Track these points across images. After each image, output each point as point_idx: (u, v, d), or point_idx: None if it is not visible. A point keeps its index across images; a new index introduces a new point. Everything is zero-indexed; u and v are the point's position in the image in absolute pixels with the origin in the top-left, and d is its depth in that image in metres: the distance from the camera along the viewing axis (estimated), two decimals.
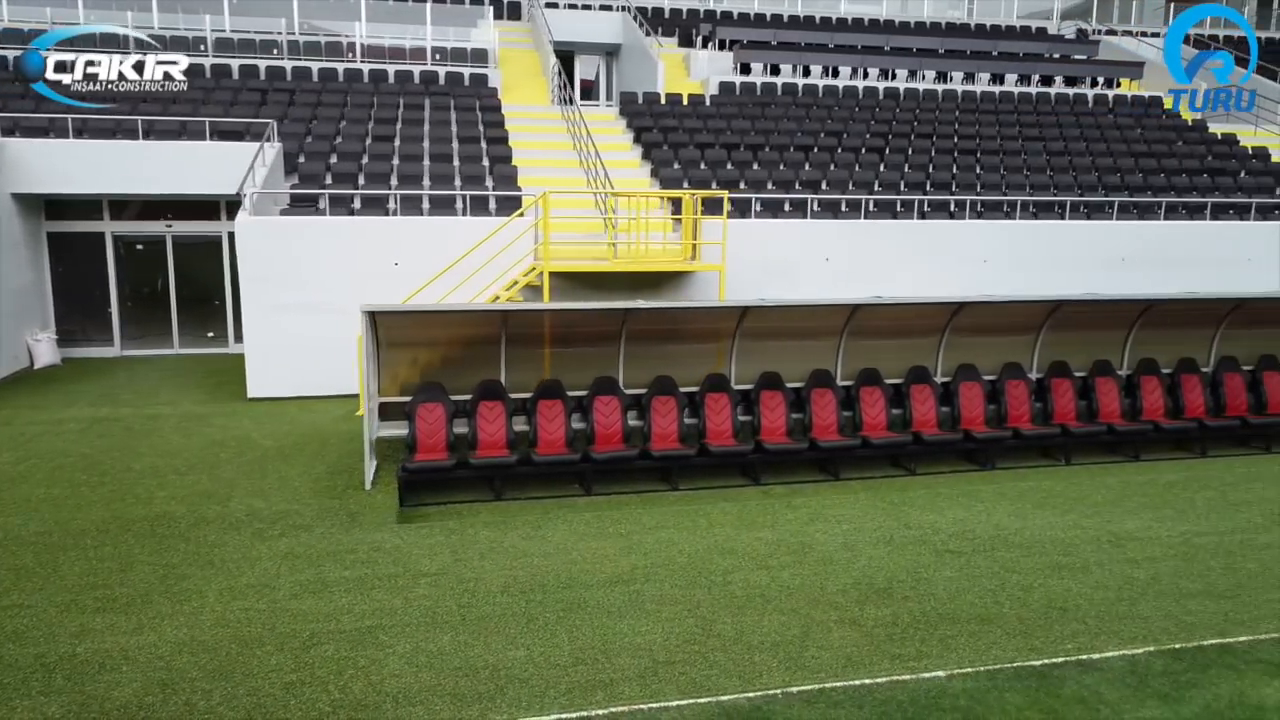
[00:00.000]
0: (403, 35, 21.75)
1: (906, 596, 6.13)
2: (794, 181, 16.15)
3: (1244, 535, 7.35)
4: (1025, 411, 10.63)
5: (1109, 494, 8.59)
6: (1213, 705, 4.73)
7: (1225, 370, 11.35)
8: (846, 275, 13.62)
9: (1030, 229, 14.76)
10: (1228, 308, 11.19)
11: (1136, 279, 14.38)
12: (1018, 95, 22.20)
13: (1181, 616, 5.83)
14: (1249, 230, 15.56)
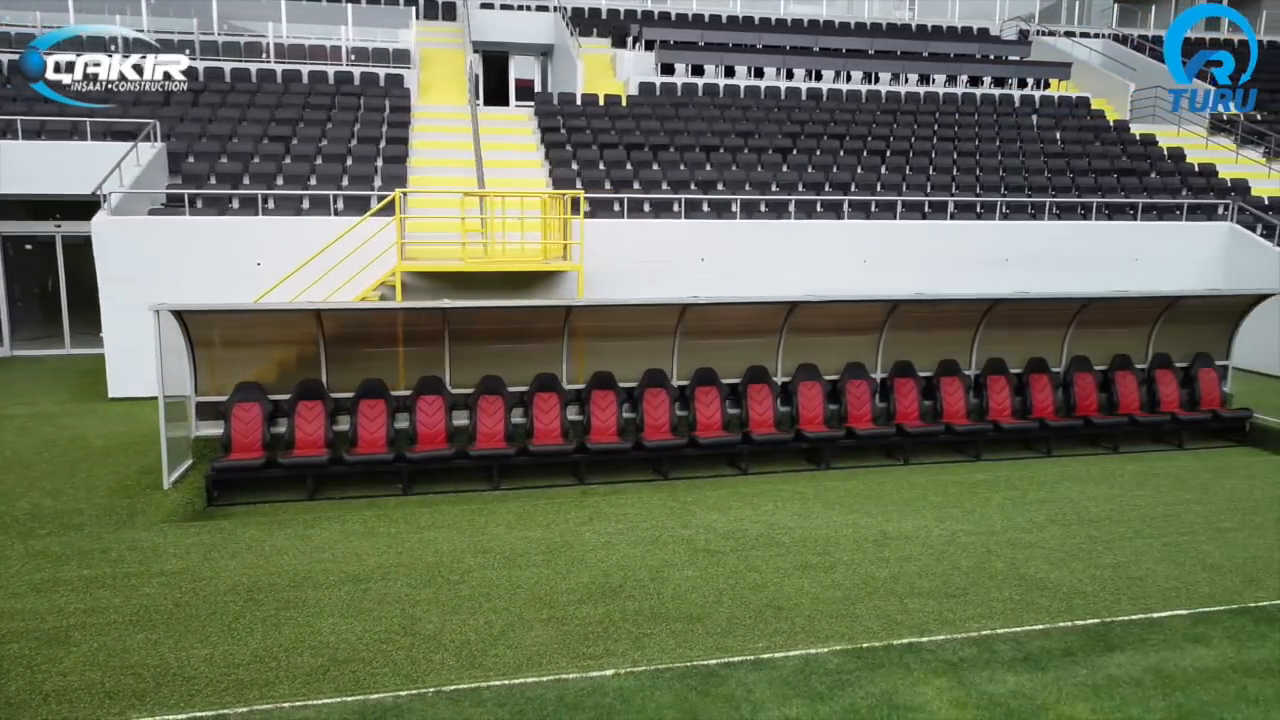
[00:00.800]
0: (327, 36, 21.79)
1: (632, 595, 6.12)
2: (689, 182, 16.15)
3: (1013, 535, 7.34)
4: (866, 411, 10.63)
5: (912, 493, 8.58)
6: (856, 705, 4.72)
7: (1077, 370, 11.34)
8: (723, 275, 13.61)
9: (913, 229, 14.76)
10: (1077, 307, 11.19)
11: (1019, 279, 14.38)
12: (942, 96, 22.21)
13: (894, 615, 5.82)
14: (1137, 230, 15.55)
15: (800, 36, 24.16)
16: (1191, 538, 7.27)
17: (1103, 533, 7.40)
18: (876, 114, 20.62)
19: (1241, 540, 7.21)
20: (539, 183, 15.88)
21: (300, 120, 16.97)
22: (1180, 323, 11.75)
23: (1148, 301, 11.38)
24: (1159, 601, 6.02)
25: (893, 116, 20.54)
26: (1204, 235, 15.60)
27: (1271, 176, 19.61)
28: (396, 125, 17.28)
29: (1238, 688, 4.90)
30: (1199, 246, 15.53)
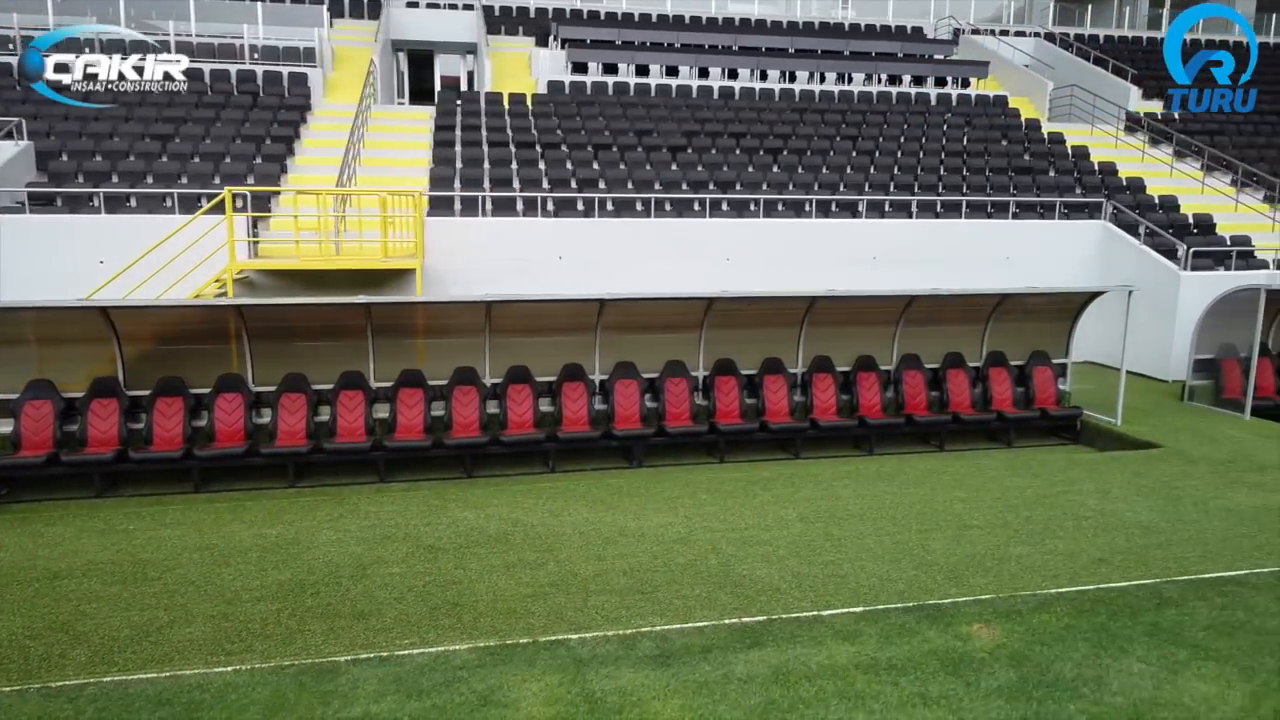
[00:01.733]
0: (239, 34, 21.72)
1: (317, 592, 6.10)
2: (571, 180, 16.13)
3: (751, 533, 7.30)
4: (685, 409, 10.61)
5: (685, 490, 8.55)
6: (450, 702, 4.70)
7: (906, 368, 11.33)
8: (581, 273, 13.59)
9: (779, 227, 14.75)
10: (902, 304, 11.17)
11: (887, 277, 14.36)
12: (857, 95, 22.20)
13: (566, 613, 5.79)
14: (1010, 229, 15.54)
15: (720, 35, 24.13)
16: (925, 536, 7.25)
17: (842, 530, 7.38)
18: (785, 113, 20.60)
19: (974, 538, 7.19)
20: (420, 181, 15.84)
21: (187, 119, 16.94)
22: (1018, 321, 11.74)
23: (977, 299, 11.36)
24: (844, 599, 6.00)
25: (800, 115, 20.51)
26: (1079, 234, 15.59)
27: (1175, 175, 19.59)
28: (286, 124, 17.26)
29: (844, 684, 4.89)
30: (1074, 245, 15.52)
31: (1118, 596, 6.06)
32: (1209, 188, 18.75)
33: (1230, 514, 7.82)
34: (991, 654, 5.24)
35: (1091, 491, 8.49)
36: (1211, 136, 21.56)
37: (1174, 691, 4.83)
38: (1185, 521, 7.62)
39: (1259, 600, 6.00)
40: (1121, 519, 7.69)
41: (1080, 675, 5.00)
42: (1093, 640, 5.41)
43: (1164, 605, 5.92)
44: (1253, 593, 6.14)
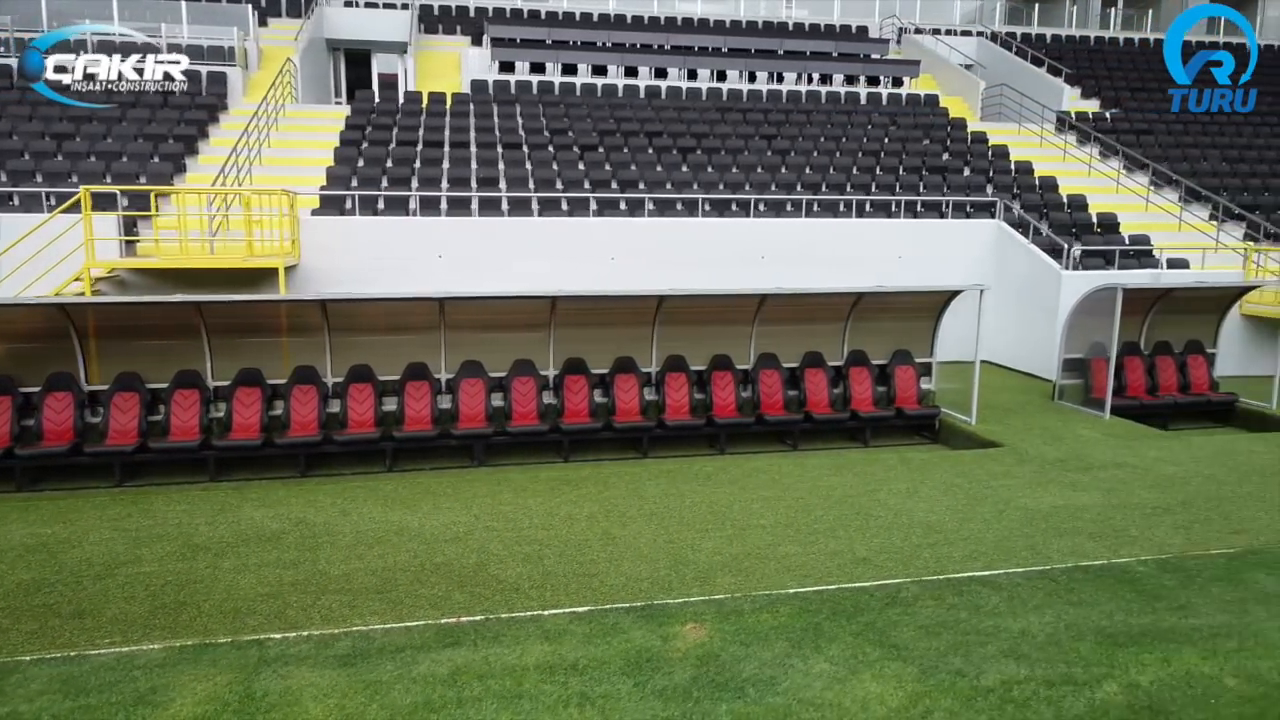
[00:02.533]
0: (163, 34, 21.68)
1: (50, 591, 6.08)
2: (469, 179, 16.10)
3: (521, 532, 7.27)
4: (533, 409, 10.59)
5: (500, 488, 8.52)
6: (100, 703, 4.68)
7: (762, 367, 11.30)
8: (461, 272, 13.57)
9: (666, 226, 14.72)
10: (756, 303, 11.15)
11: (775, 276, 14.32)
12: (786, 94, 22.19)
13: (280, 611, 5.77)
14: (904, 228, 15.51)
15: (652, 34, 24.10)
16: (702, 535, 7.21)
17: (623, 530, 7.35)
18: (708, 112, 20.58)
19: (749, 538, 7.15)
20: (317, 180, 15.81)
21: (92, 118, 16.92)
22: (880, 320, 11.71)
23: (833, 298, 11.34)
24: (577, 599, 5.98)
25: (721, 115, 20.49)
26: (973, 233, 15.56)
27: (1092, 175, 19.56)
28: (193, 123, 17.24)
29: (513, 684, 4.85)
30: (968, 244, 15.48)
31: (850, 596, 6.02)
32: (1124, 187, 18.71)
33: (1025, 514, 7.79)
34: (684, 654, 5.21)
35: (900, 491, 8.46)
36: (1138, 136, 21.52)
37: (839, 692, 4.79)
38: (974, 521, 7.58)
39: (990, 600, 5.97)
40: (912, 518, 7.66)
41: (757, 675, 4.97)
42: (794, 640, 5.38)
43: (892, 605, 5.89)
44: (990, 592, 6.11)
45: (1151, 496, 8.33)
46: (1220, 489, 8.56)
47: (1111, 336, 11.47)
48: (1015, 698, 4.74)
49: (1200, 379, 12.56)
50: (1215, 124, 22.93)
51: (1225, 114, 23.79)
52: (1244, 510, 7.91)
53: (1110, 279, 12.82)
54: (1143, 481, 8.80)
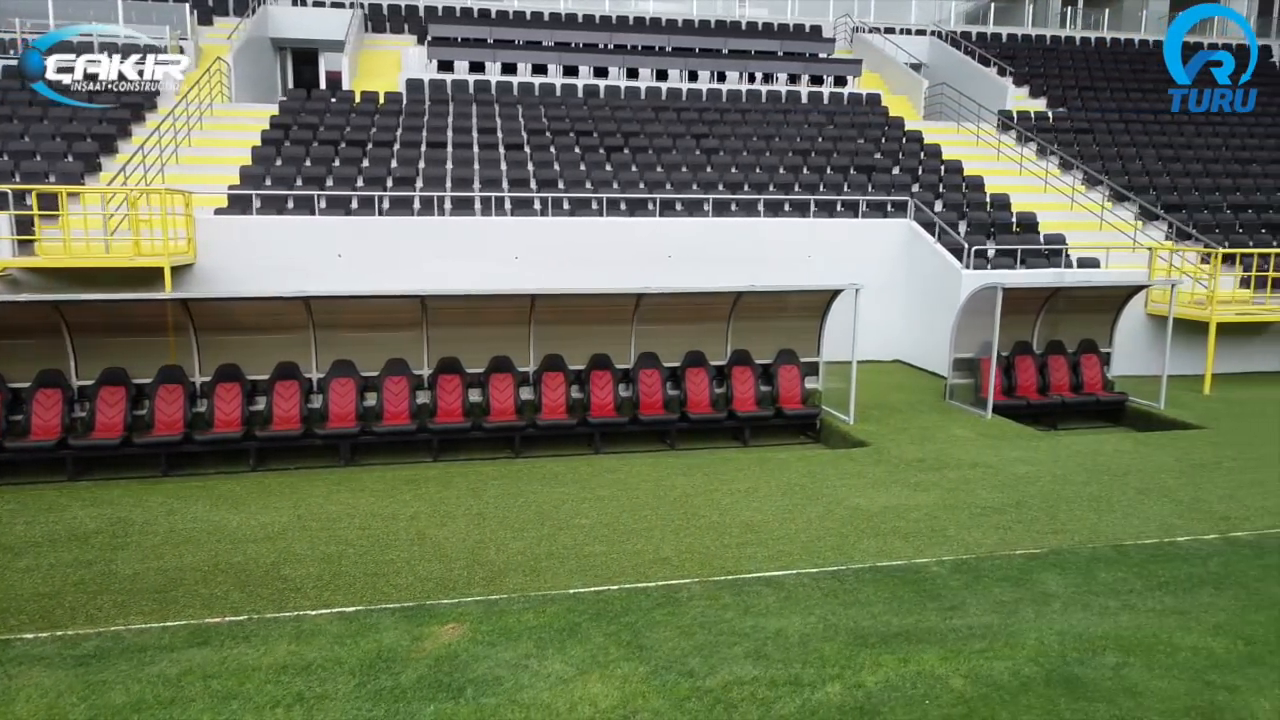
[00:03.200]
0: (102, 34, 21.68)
1: None
2: (386, 179, 16.07)
3: (335, 533, 7.27)
4: (404, 408, 10.57)
5: (339, 488, 8.53)
6: None
7: (643, 367, 11.28)
8: (361, 272, 13.55)
9: (572, 225, 14.71)
10: (633, 302, 11.13)
11: (680, 275, 14.32)
12: (726, 93, 22.16)
13: (24, 611, 5.76)
14: (815, 227, 15.49)
15: (597, 33, 24.04)
16: (516, 534, 7.21)
17: (440, 530, 7.34)
18: (642, 110, 20.55)
19: (562, 538, 7.13)
20: (230, 179, 15.76)
21: (13, 117, 16.90)
22: (764, 319, 11.71)
23: (714, 297, 11.33)
24: (353, 599, 5.98)
25: (655, 114, 20.46)
26: (883, 232, 15.54)
27: (1024, 174, 19.53)
28: (114, 122, 17.21)
29: (229, 685, 4.84)
30: (880, 243, 15.46)
31: (625, 597, 6.01)
32: (1051, 187, 18.68)
33: (851, 515, 7.78)
34: (425, 655, 5.20)
35: (739, 490, 8.46)
36: (1075, 135, 21.50)
37: (556, 694, 4.77)
38: (796, 522, 7.57)
39: (765, 600, 5.96)
40: (735, 518, 7.65)
41: (485, 676, 4.96)
42: (543, 641, 5.36)
43: (663, 606, 5.88)
44: (770, 592, 6.10)
45: (990, 496, 8.32)
46: (1063, 489, 8.54)
47: (993, 336, 11.45)
48: (729, 698, 4.73)
49: (1093, 379, 12.54)
50: (1158, 123, 22.90)
51: (1170, 114, 23.79)
52: (1074, 511, 7.90)
53: (1001, 278, 12.80)
54: (990, 482, 8.78)
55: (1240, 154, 21.38)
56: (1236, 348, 14.83)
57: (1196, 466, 9.33)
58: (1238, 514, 7.82)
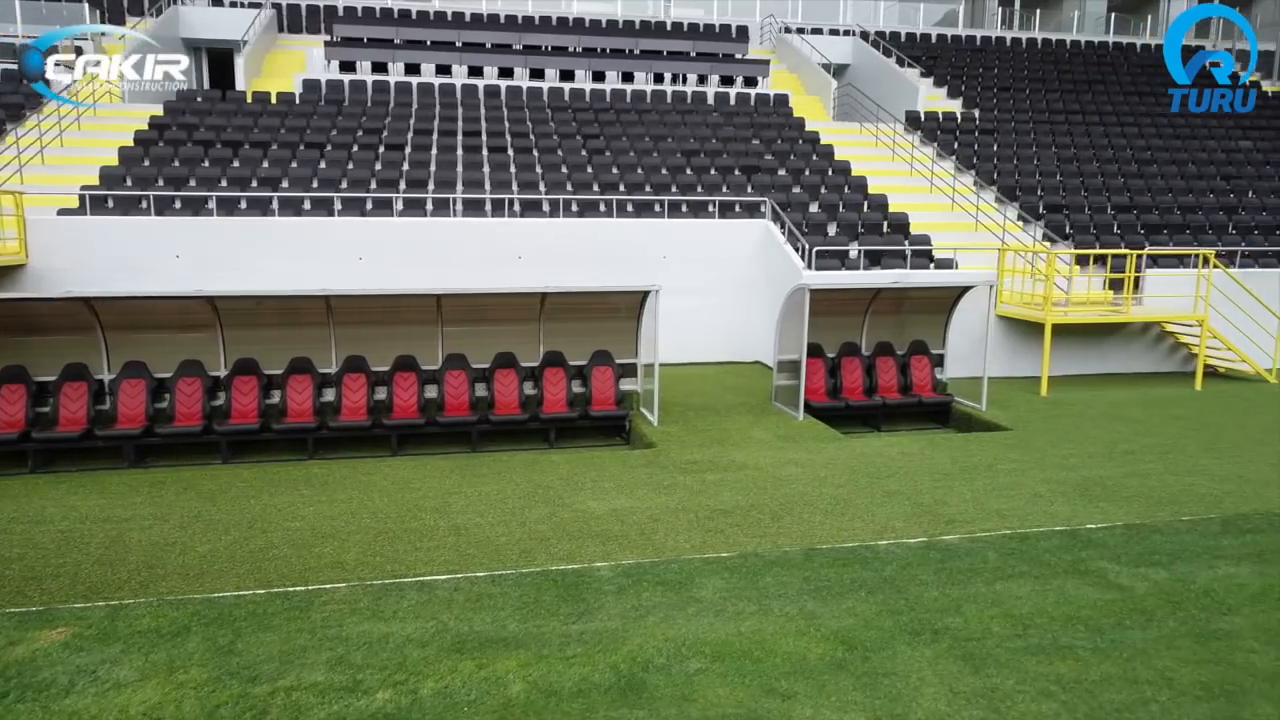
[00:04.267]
0: None
1: None
2: (252, 179, 16.00)
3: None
4: (253, 407, 10.54)
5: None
6: None
7: (450, 369, 11.21)
8: (199, 272, 13.48)
9: (418, 225, 14.63)
10: (434, 303, 11.06)
11: (533, 275, 14.26)
12: (630, 93, 22.11)
13: None
14: (672, 228, 15.42)
15: (506, 33, 23.96)
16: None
17: (104, 533, 7.29)
18: (541, 111, 20.50)
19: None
20: (90, 179, 15.69)
21: None
22: (577, 320, 11.64)
23: (521, 298, 11.27)
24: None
25: (550, 114, 20.40)
26: (743, 233, 15.47)
27: (914, 175, 19.47)
28: (11, 121, 17.16)
29: None
30: (737, 243, 15.39)
31: (260, 602, 5.94)
32: (936, 187, 18.62)
33: (573, 517, 7.71)
34: (8, 659, 5.13)
35: (479, 494, 8.41)
36: (975, 135, 21.45)
37: (91, 700, 4.70)
38: (506, 525, 7.50)
39: (400, 604, 5.89)
40: (451, 522, 7.59)
41: (43, 680, 4.89)
42: (135, 646, 5.29)
43: (290, 610, 5.81)
44: (416, 595, 6.03)
45: (731, 499, 8.25)
46: (813, 491, 8.48)
47: (801, 337, 11.38)
48: (265, 705, 4.66)
49: (923, 380, 12.48)
50: (1068, 123, 22.85)
51: (1079, 114, 23.77)
52: (804, 514, 7.83)
53: (825, 279, 12.74)
54: (744, 484, 8.71)
55: (1143, 154, 21.33)
56: (1091, 349, 14.77)
57: (967, 469, 9.26)
58: (964, 518, 7.75)
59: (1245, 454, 9.96)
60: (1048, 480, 8.89)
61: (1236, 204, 19.06)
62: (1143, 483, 8.83)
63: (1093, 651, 5.33)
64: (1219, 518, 7.77)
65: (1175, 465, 9.45)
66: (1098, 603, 6.00)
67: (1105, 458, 9.73)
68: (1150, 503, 8.20)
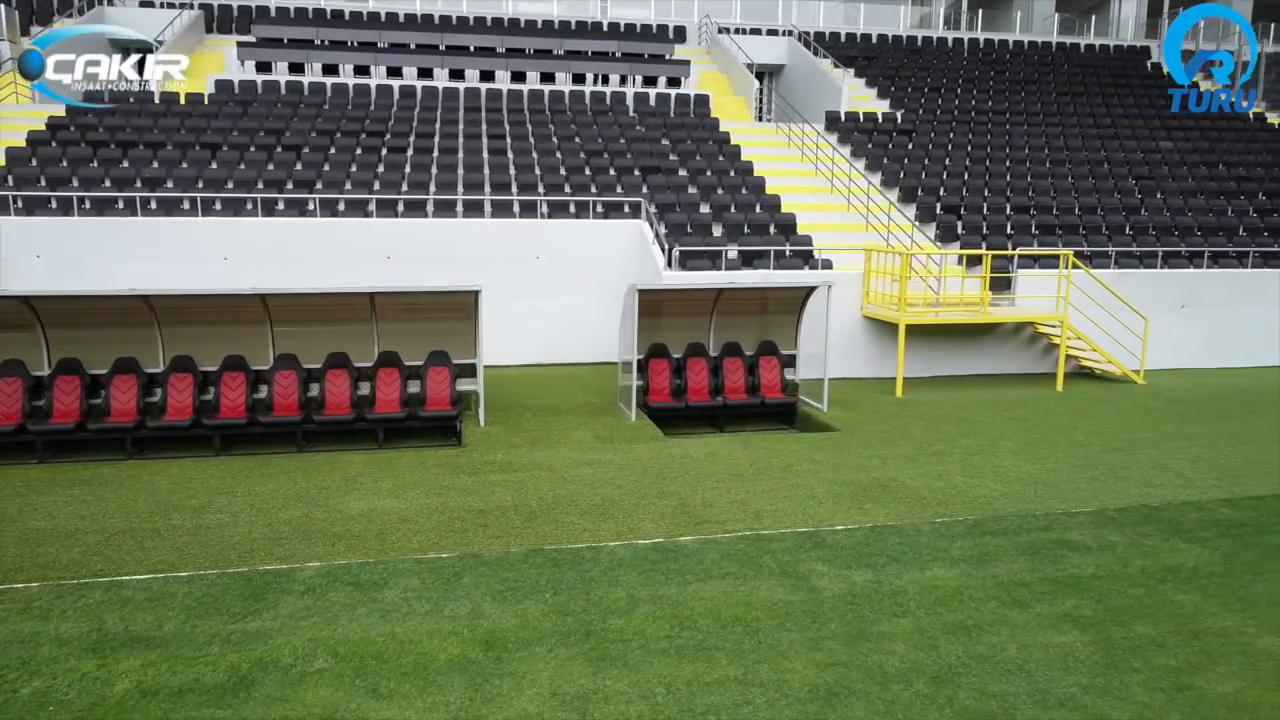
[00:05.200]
0: None
1: None
2: (135, 179, 16.04)
3: None
4: (75, 408, 10.57)
5: None
6: None
7: (279, 369, 11.22)
8: (60, 272, 13.53)
9: (283, 226, 14.67)
10: (258, 303, 11.07)
11: (402, 275, 14.28)
12: (548, 94, 22.12)
13: None
14: (547, 228, 15.43)
15: (432, 34, 23.98)
16: None
17: None
18: (454, 111, 20.52)
19: None
20: None
21: None
22: (410, 320, 11.65)
23: (349, 298, 11.28)
24: None
25: (460, 115, 20.42)
26: (618, 233, 15.46)
27: (818, 175, 19.44)
28: None
29: None
30: (613, 243, 15.38)
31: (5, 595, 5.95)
32: (836, 188, 18.60)
33: (329, 519, 7.71)
34: None
35: (257, 495, 8.42)
36: (891, 135, 21.41)
37: None
38: (266, 529, 7.44)
39: (113, 599, 5.90)
40: (210, 523, 7.58)
41: None
42: None
43: None
44: (136, 593, 6.03)
45: (499, 499, 8.25)
46: (587, 492, 8.47)
47: (631, 336, 11.37)
48: None
49: (771, 381, 12.45)
50: (991, 124, 22.80)
51: (1006, 114, 23.73)
52: (562, 515, 7.82)
53: (668, 280, 12.73)
54: (525, 485, 8.71)
55: (1060, 154, 21.27)
56: (964, 350, 14.71)
57: (763, 470, 9.23)
58: (720, 519, 7.73)
59: (1056, 456, 9.92)
60: (835, 481, 8.86)
61: (1140, 204, 18.99)
62: (928, 484, 8.80)
63: (730, 653, 5.31)
64: (975, 520, 7.75)
65: (974, 467, 9.42)
66: (776, 604, 5.98)
67: (910, 459, 9.70)
68: (918, 504, 8.18)
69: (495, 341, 14.37)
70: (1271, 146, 22.77)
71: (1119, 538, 7.32)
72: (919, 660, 5.22)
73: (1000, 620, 5.76)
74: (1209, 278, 15.68)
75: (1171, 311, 15.28)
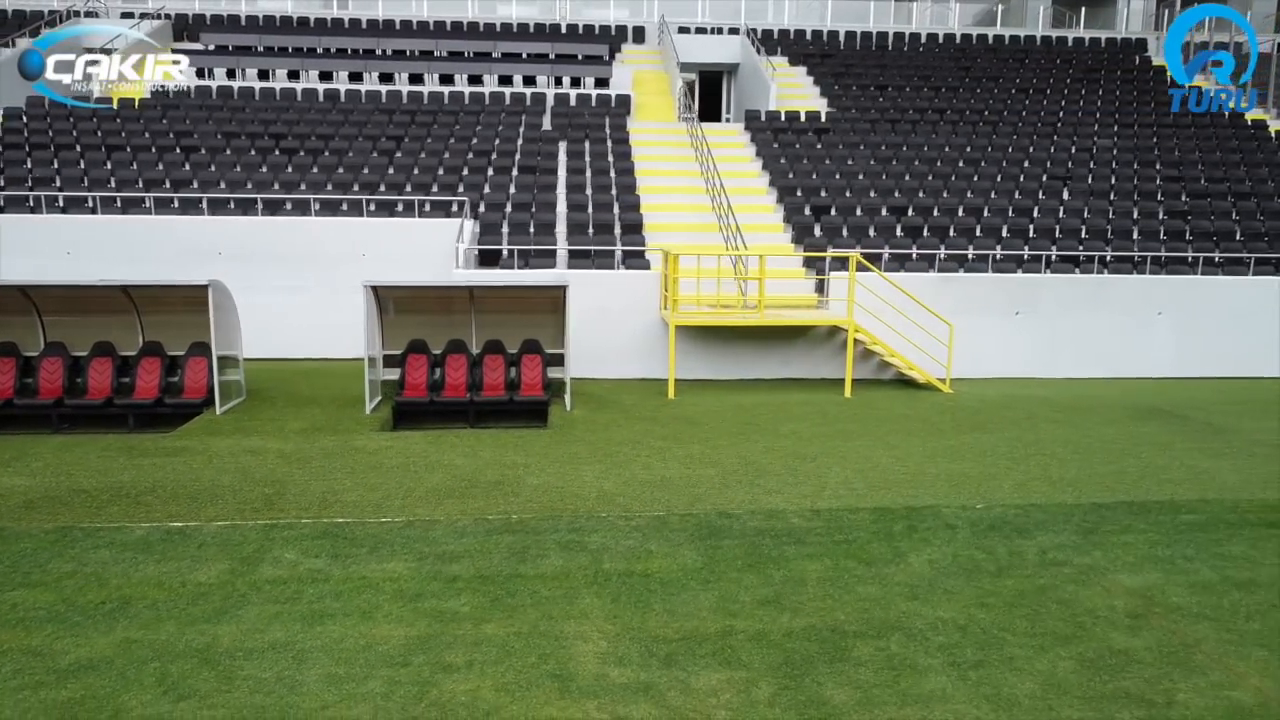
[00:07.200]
0: None
1: None
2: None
3: None
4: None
5: None
6: None
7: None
8: None
9: (119, 223, 15.55)
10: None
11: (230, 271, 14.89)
12: (468, 95, 22.62)
13: None
14: (371, 226, 15.86)
15: (367, 39, 24.80)
16: None
17: None
18: (375, 114, 21.11)
19: None
20: None
21: None
22: (179, 314, 12.25)
23: (109, 291, 11.93)
24: None
25: (389, 117, 20.97)
26: (441, 232, 15.68)
27: (701, 176, 19.24)
28: None
29: None
30: (437, 243, 15.59)
31: None
32: (710, 189, 18.36)
33: None
34: None
35: None
36: (803, 135, 20.97)
37: None
38: None
39: None
40: None
41: None
42: None
43: None
44: None
45: (114, 481, 8.65)
46: (216, 478, 8.76)
47: (372, 331, 11.64)
48: None
49: (533, 379, 12.51)
50: (922, 122, 22.00)
51: (944, 112, 22.87)
52: (156, 500, 8.16)
53: (401, 279, 13.01)
54: (160, 469, 9.09)
55: (980, 154, 20.38)
56: (774, 354, 14.33)
57: (427, 466, 9.20)
58: (313, 506, 7.90)
59: (734, 453, 9.67)
60: (461, 478, 8.84)
61: (1032, 206, 18.03)
62: (559, 481, 8.74)
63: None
64: (566, 515, 7.70)
65: (629, 463, 9.29)
66: (198, 580, 6.18)
67: (589, 460, 9.54)
68: (518, 501, 8.13)
69: (312, 335, 14.97)
70: (1230, 145, 21.22)
71: (656, 546, 7.09)
72: None
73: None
74: (1048, 283, 14.78)
75: (1005, 318, 14.49)
